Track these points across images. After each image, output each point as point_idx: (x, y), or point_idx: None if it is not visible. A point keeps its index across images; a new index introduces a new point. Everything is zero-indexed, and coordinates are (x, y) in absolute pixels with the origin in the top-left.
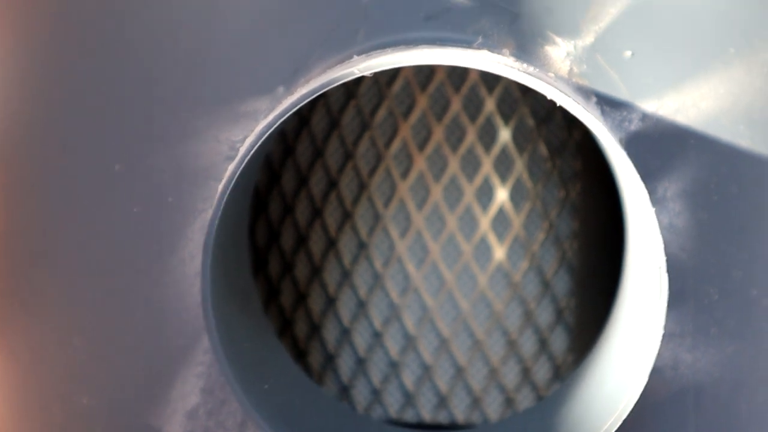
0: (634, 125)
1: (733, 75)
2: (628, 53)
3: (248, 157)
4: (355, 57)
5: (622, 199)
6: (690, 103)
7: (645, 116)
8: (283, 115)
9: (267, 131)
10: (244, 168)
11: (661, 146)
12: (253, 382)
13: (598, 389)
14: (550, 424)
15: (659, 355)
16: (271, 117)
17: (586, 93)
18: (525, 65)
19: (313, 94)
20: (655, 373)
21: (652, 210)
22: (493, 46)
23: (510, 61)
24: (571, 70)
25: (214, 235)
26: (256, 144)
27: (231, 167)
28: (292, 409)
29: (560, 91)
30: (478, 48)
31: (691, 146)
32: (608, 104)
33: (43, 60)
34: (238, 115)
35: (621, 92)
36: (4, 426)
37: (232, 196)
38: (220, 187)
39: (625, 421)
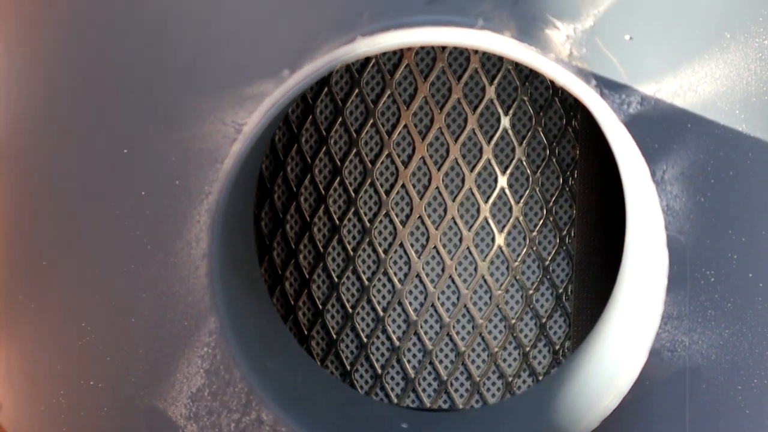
0: (633, 108)
1: (729, 59)
2: (627, 37)
3: (256, 132)
4: (359, 39)
5: (622, 179)
6: (687, 86)
7: (644, 99)
8: (292, 89)
9: (274, 105)
10: (251, 146)
11: (660, 129)
12: (258, 358)
13: (596, 370)
14: (549, 404)
15: (657, 336)
16: (277, 92)
17: (585, 76)
18: (527, 47)
19: (323, 69)
20: (653, 354)
21: (653, 185)
22: (494, 30)
23: (512, 42)
24: (570, 53)
25: (222, 212)
26: (263, 118)
27: (237, 145)
28: (295, 388)
29: (562, 71)
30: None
31: (688, 129)
32: (607, 87)
33: (49, 45)
34: (244, 98)
35: (620, 75)
36: (11, 410)
37: (240, 174)
38: (228, 163)
39: (622, 401)
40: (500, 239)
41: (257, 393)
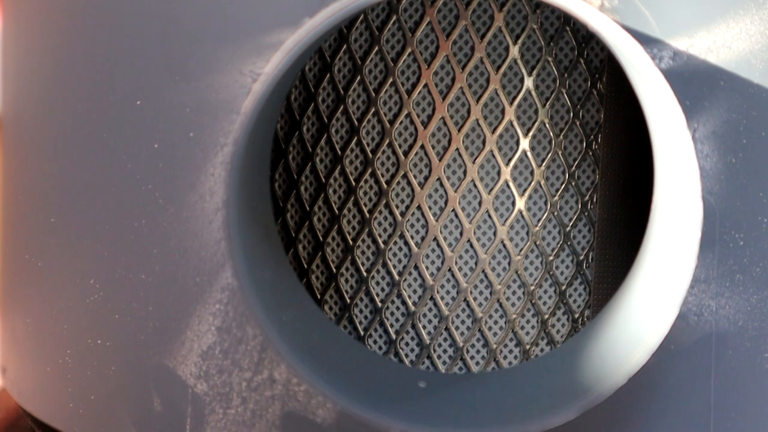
0: (665, 63)
1: (766, 16)
2: None
3: (275, 76)
4: None
5: (651, 134)
6: (721, 43)
7: (676, 55)
8: (319, 26)
9: (294, 47)
10: (269, 92)
11: (692, 86)
12: (274, 311)
13: (623, 328)
14: (572, 364)
15: (684, 300)
16: (298, 33)
17: None
18: None
19: (347, 9)
20: (679, 318)
21: (689, 133)
22: None
23: None
24: (602, 4)
25: (238, 165)
26: (287, 57)
27: (257, 86)
28: (311, 344)
29: (598, 16)
30: None
31: (721, 87)
32: (639, 41)
33: None
34: (262, 47)
35: (652, 29)
36: (15, 373)
37: (257, 125)
38: (245, 110)
39: (645, 366)
40: (521, 203)
41: (272, 345)
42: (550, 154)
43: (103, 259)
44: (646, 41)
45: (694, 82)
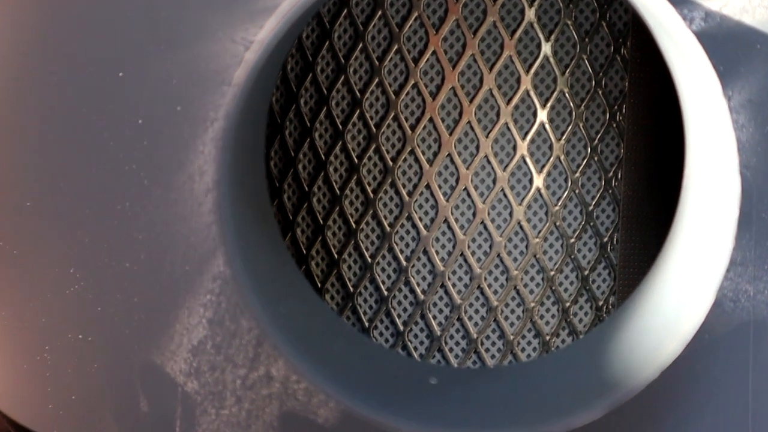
0: (696, 25)
1: None
2: None
3: (272, 40)
4: None
5: (682, 103)
6: (757, 2)
7: (708, 15)
8: None
9: (294, 7)
10: (264, 60)
11: (725, 50)
12: (271, 301)
13: (654, 317)
14: (597, 357)
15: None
16: None
17: None
18: None
19: None
20: (714, 305)
21: (725, 101)
22: None
23: None
24: None
25: (230, 142)
26: (282, 22)
27: (250, 54)
28: (311, 336)
29: None
30: None
31: (758, 51)
32: (668, 1)
33: None
34: (255, 12)
35: None
36: None
37: (251, 98)
38: (238, 79)
39: (679, 358)
40: (539, 181)
41: (269, 339)
42: (570, 127)
43: (84, 246)
44: (675, 1)
45: (727, 45)
